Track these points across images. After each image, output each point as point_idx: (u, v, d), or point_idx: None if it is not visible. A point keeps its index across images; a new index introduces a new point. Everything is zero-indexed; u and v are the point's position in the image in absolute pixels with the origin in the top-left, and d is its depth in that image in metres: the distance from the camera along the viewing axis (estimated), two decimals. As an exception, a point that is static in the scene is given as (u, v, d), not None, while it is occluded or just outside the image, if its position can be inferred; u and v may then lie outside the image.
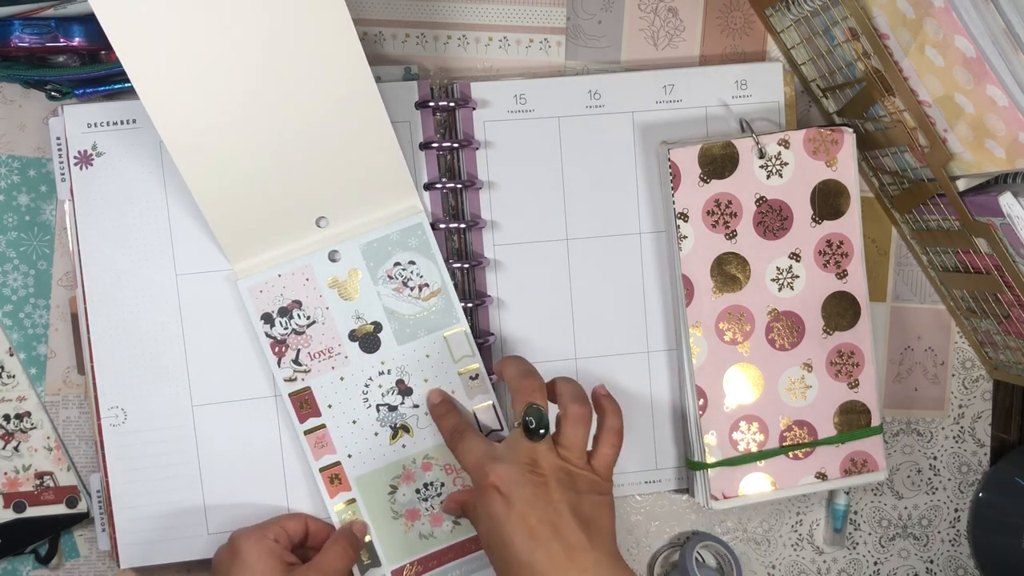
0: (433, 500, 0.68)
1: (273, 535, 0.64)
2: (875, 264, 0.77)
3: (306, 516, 0.67)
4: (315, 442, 0.67)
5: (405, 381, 0.67)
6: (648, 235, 0.72)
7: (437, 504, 0.68)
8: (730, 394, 0.70)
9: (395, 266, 0.67)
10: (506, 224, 0.71)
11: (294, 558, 0.64)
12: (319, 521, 0.67)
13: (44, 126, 0.68)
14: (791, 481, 0.71)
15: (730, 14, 0.75)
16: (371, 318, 0.67)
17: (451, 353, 0.68)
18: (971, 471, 0.79)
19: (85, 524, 0.70)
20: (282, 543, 0.64)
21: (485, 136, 0.70)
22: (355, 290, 0.66)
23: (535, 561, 0.57)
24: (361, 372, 0.67)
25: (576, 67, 0.74)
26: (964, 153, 0.63)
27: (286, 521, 0.66)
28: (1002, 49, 0.55)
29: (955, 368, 0.78)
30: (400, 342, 0.67)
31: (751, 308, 0.70)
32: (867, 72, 0.65)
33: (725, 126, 0.73)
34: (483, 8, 0.72)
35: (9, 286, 0.69)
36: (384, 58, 0.72)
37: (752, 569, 0.77)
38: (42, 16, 0.64)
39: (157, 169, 0.67)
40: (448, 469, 0.68)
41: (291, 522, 0.66)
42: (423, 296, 0.67)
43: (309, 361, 0.66)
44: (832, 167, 0.70)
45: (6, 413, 0.69)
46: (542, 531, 0.57)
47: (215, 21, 0.58)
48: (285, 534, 0.64)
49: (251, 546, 0.62)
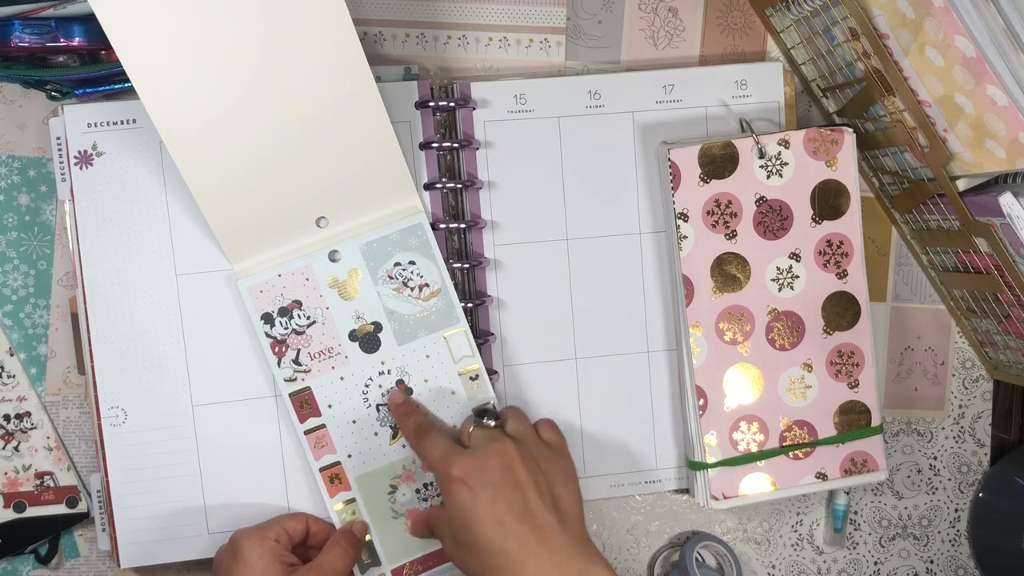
0: (433, 500, 0.68)
1: (274, 535, 0.64)
2: (875, 264, 0.77)
3: (307, 516, 0.67)
4: (315, 442, 0.67)
5: (405, 381, 0.67)
6: (648, 235, 0.72)
7: (437, 504, 0.68)
8: (730, 394, 0.70)
9: (395, 266, 0.67)
10: (506, 224, 0.71)
11: (295, 559, 0.64)
12: (320, 521, 0.67)
13: (44, 126, 0.68)
14: (791, 481, 0.71)
15: (730, 14, 0.75)
16: (371, 318, 0.67)
17: (451, 353, 0.68)
18: (971, 471, 0.79)
19: (85, 524, 0.70)
20: (283, 543, 0.64)
21: (485, 136, 0.70)
22: (355, 290, 0.66)
23: (506, 547, 0.57)
24: (361, 372, 0.67)
25: (576, 67, 0.74)
26: (964, 153, 0.63)
27: (287, 521, 0.66)
28: (1002, 49, 0.55)
29: (955, 368, 0.78)
30: (400, 342, 0.67)
31: (751, 308, 0.70)
32: (867, 72, 0.65)
33: (725, 126, 0.73)
34: (483, 8, 0.72)
35: (9, 286, 0.69)
36: (384, 58, 0.72)
37: (752, 569, 0.77)
38: (42, 16, 0.64)
39: (157, 169, 0.67)
40: None
41: (292, 522, 0.66)
42: (423, 296, 0.67)
43: (309, 361, 0.66)
44: (832, 167, 0.70)
45: (6, 413, 0.69)
46: (511, 516, 0.58)
47: (215, 21, 0.58)
48: (286, 534, 0.64)
49: (252, 546, 0.62)
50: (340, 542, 0.64)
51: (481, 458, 0.60)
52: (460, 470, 0.59)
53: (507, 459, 0.60)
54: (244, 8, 0.58)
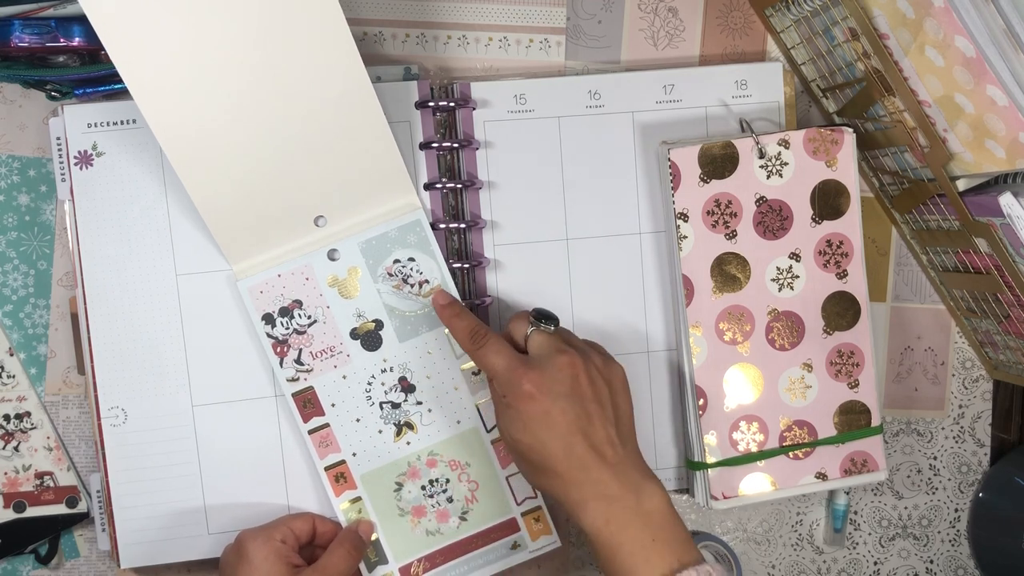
0: (439, 496, 0.68)
1: (280, 536, 0.64)
2: (875, 264, 0.77)
3: (313, 516, 0.67)
4: (319, 441, 0.67)
5: (408, 378, 0.67)
6: (648, 235, 0.72)
7: (443, 500, 0.68)
8: (730, 394, 0.70)
9: (395, 263, 0.67)
10: (506, 224, 0.71)
11: (300, 560, 0.64)
12: (327, 521, 0.67)
13: (44, 126, 0.68)
14: (791, 481, 0.71)
15: (730, 14, 0.75)
16: (372, 316, 0.67)
17: (453, 349, 0.68)
18: (971, 471, 0.79)
19: (85, 524, 0.70)
20: (289, 544, 0.64)
21: (485, 136, 0.70)
22: (355, 288, 0.66)
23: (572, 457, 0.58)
24: (363, 370, 0.67)
25: (576, 67, 0.74)
26: (964, 153, 0.63)
27: (293, 521, 0.66)
28: (1002, 49, 0.55)
29: (955, 368, 0.78)
30: (401, 339, 0.67)
31: (751, 308, 0.70)
32: (867, 72, 0.65)
33: (725, 126, 0.73)
34: (483, 8, 0.72)
35: (9, 286, 0.69)
36: (384, 58, 0.72)
37: (752, 569, 0.77)
38: (42, 16, 0.64)
39: (157, 169, 0.67)
40: (453, 465, 0.68)
41: (298, 522, 0.66)
42: (423, 292, 0.67)
43: (311, 360, 0.66)
44: (832, 167, 0.70)
45: (6, 413, 0.69)
46: (576, 428, 0.59)
47: (209, 22, 0.58)
48: (292, 535, 0.65)
49: (258, 547, 0.62)
50: (344, 544, 0.64)
51: (551, 370, 0.60)
52: (531, 384, 0.59)
53: (575, 371, 0.60)
54: (238, 9, 0.58)
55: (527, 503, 0.69)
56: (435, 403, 0.68)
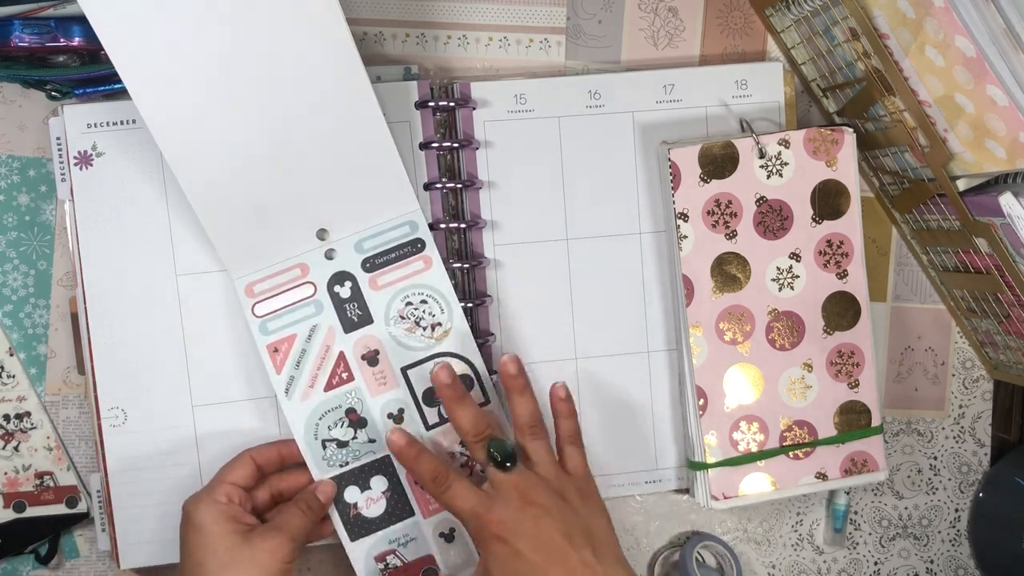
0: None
1: (224, 496, 0.61)
2: (875, 264, 0.77)
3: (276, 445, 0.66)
4: None
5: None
6: (648, 235, 0.72)
7: None
8: (730, 394, 0.70)
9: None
10: (506, 224, 0.71)
11: (251, 518, 0.62)
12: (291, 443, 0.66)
13: (44, 126, 0.68)
14: (791, 481, 0.71)
15: (730, 14, 0.75)
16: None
17: None
18: (971, 471, 0.79)
19: (85, 524, 0.70)
20: (236, 500, 0.62)
21: (485, 136, 0.70)
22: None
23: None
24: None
25: (576, 67, 0.74)
26: (964, 153, 0.63)
27: (230, 473, 0.63)
28: (1002, 49, 0.55)
29: (955, 368, 0.78)
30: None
31: (751, 308, 0.70)
32: (867, 72, 0.65)
33: (725, 126, 0.73)
34: (483, 8, 0.72)
35: (9, 286, 0.69)
36: (384, 58, 0.72)
37: (752, 569, 0.77)
38: (42, 16, 0.64)
39: (157, 169, 0.67)
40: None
41: (237, 471, 0.63)
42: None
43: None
44: (832, 167, 0.70)
45: (6, 413, 0.69)
46: (552, 561, 0.59)
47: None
48: (236, 489, 0.62)
49: (202, 512, 0.60)
50: (299, 502, 0.63)
51: (514, 509, 0.60)
52: (498, 527, 0.60)
53: (540, 510, 0.60)
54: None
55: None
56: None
